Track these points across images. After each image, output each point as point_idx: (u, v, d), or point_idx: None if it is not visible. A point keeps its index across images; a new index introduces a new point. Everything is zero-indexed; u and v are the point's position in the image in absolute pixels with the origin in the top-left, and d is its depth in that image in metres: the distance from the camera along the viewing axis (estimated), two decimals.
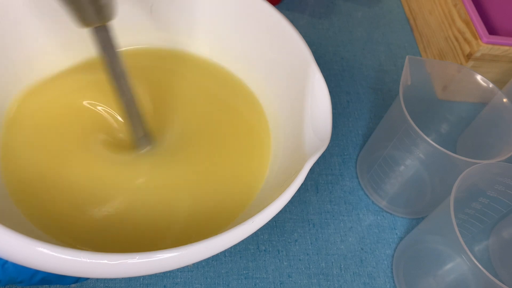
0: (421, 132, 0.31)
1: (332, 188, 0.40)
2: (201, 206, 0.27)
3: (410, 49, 0.52)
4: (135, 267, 0.18)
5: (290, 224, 0.37)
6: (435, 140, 0.30)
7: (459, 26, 0.45)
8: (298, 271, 0.35)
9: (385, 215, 0.39)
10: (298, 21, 0.51)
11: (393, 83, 0.48)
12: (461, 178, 0.29)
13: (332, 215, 0.38)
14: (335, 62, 0.49)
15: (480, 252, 0.38)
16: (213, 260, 0.34)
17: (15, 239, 0.18)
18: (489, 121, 0.38)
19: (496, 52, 0.43)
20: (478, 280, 0.28)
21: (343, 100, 0.46)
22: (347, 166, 0.41)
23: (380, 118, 0.45)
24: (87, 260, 0.18)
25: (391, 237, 0.38)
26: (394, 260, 0.36)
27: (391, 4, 0.57)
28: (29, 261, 0.18)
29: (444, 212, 0.29)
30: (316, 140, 0.25)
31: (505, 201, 0.33)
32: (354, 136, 0.43)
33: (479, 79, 0.36)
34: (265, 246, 0.35)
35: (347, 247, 0.37)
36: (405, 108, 0.32)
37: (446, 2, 0.47)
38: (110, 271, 0.18)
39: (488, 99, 0.37)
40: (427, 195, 0.39)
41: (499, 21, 0.49)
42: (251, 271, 0.34)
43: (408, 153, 0.34)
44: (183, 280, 0.33)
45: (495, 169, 0.31)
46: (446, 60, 0.47)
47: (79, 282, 0.28)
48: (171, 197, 0.27)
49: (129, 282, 0.32)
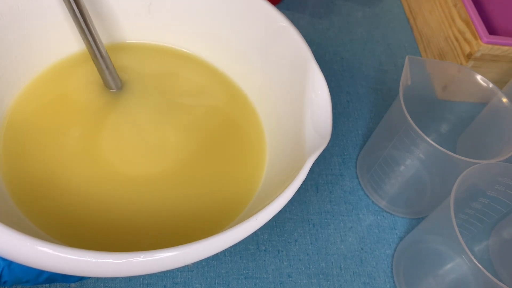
0: (421, 132, 0.31)
1: (332, 188, 0.40)
2: (197, 207, 0.27)
3: (410, 49, 0.52)
4: (140, 265, 0.18)
5: (290, 224, 0.37)
6: (435, 140, 0.30)
7: (459, 26, 0.45)
8: (298, 271, 0.35)
9: (385, 215, 0.39)
10: (298, 21, 0.51)
11: (393, 83, 0.48)
12: (461, 178, 0.29)
13: (332, 215, 0.38)
14: (335, 62, 0.49)
15: (480, 252, 0.38)
16: (213, 260, 0.34)
17: (21, 240, 0.18)
18: (489, 121, 0.38)
19: (496, 52, 0.43)
20: (478, 280, 0.28)
21: (343, 100, 0.46)
22: (347, 166, 0.41)
23: (380, 118, 0.45)
24: (93, 260, 0.18)
25: (391, 237, 0.38)
26: (394, 260, 0.36)
27: (391, 4, 0.57)
28: (35, 262, 0.18)
29: (444, 212, 0.29)
30: (317, 137, 0.25)
31: (505, 201, 0.33)
32: (354, 136, 0.43)
33: (479, 79, 0.36)
34: (265, 246, 0.35)
35: (347, 247, 0.37)
36: (405, 108, 0.32)
37: (446, 2, 0.48)
38: (116, 270, 0.18)
39: (488, 99, 0.37)
40: (427, 195, 0.39)
41: (499, 21, 0.49)
42: (251, 271, 0.34)
43: (408, 153, 0.34)
44: (183, 280, 0.33)
45: (495, 169, 0.31)
46: (446, 60, 0.47)
47: (82, 280, 0.28)
48: (171, 197, 0.27)
49: (129, 282, 0.32)
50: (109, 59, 0.30)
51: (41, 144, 0.28)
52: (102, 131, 0.29)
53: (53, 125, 0.29)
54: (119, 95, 0.31)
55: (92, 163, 0.28)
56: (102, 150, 0.28)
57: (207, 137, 0.31)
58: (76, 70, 0.32)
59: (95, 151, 0.28)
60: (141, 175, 0.28)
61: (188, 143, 0.30)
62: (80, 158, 0.28)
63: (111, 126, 0.30)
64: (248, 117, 0.33)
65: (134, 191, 0.27)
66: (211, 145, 0.31)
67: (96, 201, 0.26)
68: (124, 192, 0.27)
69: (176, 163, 0.29)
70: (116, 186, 0.27)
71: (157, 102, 0.32)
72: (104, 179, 0.27)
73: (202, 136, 0.31)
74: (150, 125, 0.31)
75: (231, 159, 0.30)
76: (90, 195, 0.26)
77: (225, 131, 0.32)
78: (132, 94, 0.32)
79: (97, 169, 0.27)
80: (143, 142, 0.30)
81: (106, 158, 0.28)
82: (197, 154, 0.30)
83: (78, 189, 0.26)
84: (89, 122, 0.30)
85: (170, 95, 0.33)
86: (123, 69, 0.33)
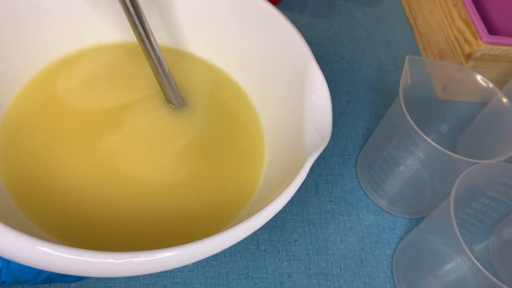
0: (421, 132, 0.31)
1: (332, 188, 0.40)
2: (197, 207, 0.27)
3: (410, 49, 0.52)
4: (140, 265, 0.18)
5: (290, 224, 0.37)
6: (435, 140, 0.30)
7: (459, 26, 0.45)
8: (298, 271, 0.35)
9: (385, 215, 0.39)
10: (298, 21, 0.51)
11: (393, 83, 0.48)
12: (461, 178, 0.29)
13: (332, 215, 0.38)
14: (335, 62, 0.49)
15: (480, 252, 0.38)
16: (213, 260, 0.34)
17: (20, 240, 0.18)
18: (489, 121, 0.38)
19: (496, 52, 0.43)
20: (478, 280, 0.28)
21: (343, 100, 0.46)
22: (347, 166, 0.41)
23: (380, 118, 0.45)
24: (93, 260, 0.18)
25: (391, 237, 0.38)
26: (394, 260, 0.36)
27: (391, 4, 0.57)
28: (34, 261, 0.18)
29: (444, 212, 0.29)
30: (317, 136, 0.25)
31: (505, 201, 0.33)
32: (354, 136, 0.43)
33: (479, 79, 0.36)
34: (265, 246, 0.35)
35: (347, 247, 0.37)
36: (405, 108, 0.32)
37: (446, 2, 0.48)
38: (116, 270, 0.18)
39: (488, 99, 0.37)
40: (427, 195, 0.39)
41: (499, 21, 0.49)
42: (251, 271, 0.34)
43: (408, 153, 0.34)
44: (183, 280, 0.33)
45: (495, 169, 0.31)
46: (446, 60, 0.47)
47: (81, 280, 0.28)
48: (171, 197, 0.27)
49: (129, 282, 0.32)
50: (172, 76, 0.30)
51: (41, 143, 0.28)
52: (102, 131, 0.29)
53: (53, 124, 0.29)
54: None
55: (91, 163, 0.28)
56: (102, 150, 0.28)
57: (208, 137, 0.31)
58: (76, 69, 0.32)
59: (95, 151, 0.28)
60: (141, 175, 0.28)
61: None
62: (80, 158, 0.28)
63: (111, 126, 0.30)
64: (248, 116, 0.33)
65: (133, 191, 0.27)
66: (211, 144, 0.31)
67: (96, 201, 0.26)
68: (123, 192, 0.27)
69: (176, 163, 0.29)
70: (115, 186, 0.27)
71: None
72: (104, 179, 0.27)
73: (203, 136, 0.31)
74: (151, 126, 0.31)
75: (231, 158, 0.30)
76: (90, 195, 0.26)
77: (225, 130, 0.32)
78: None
79: (97, 169, 0.27)
80: (143, 143, 0.30)
81: (106, 158, 0.28)
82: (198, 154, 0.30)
83: (78, 189, 0.26)
84: (89, 121, 0.30)
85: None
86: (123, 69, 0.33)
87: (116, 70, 0.33)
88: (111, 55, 0.33)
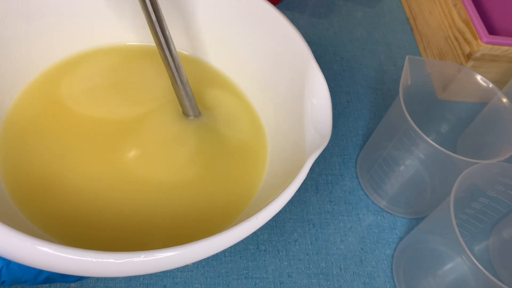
0: (421, 132, 0.31)
1: (332, 188, 0.40)
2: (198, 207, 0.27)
3: (410, 49, 0.52)
4: (141, 265, 0.18)
5: (290, 224, 0.37)
6: (435, 140, 0.30)
7: (459, 26, 0.45)
8: (298, 271, 0.35)
9: (385, 215, 0.39)
10: (298, 21, 0.51)
11: (393, 83, 0.48)
12: (461, 178, 0.29)
13: (332, 215, 0.38)
14: (335, 62, 0.49)
15: (480, 252, 0.38)
16: (213, 260, 0.34)
17: (20, 240, 0.18)
18: (489, 121, 0.38)
19: (496, 52, 0.43)
20: (478, 280, 0.28)
21: (343, 100, 0.46)
22: (347, 166, 0.41)
23: (380, 118, 0.45)
24: (93, 260, 0.18)
25: (391, 237, 0.38)
26: (394, 260, 0.36)
27: (391, 4, 0.57)
28: (34, 262, 0.18)
29: (444, 212, 0.29)
30: (317, 136, 0.25)
31: (505, 201, 0.33)
32: (354, 136, 0.43)
33: (479, 79, 0.36)
34: (265, 246, 0.35)
35: (347, 247, 0.37)
36: (405, 108, 0.32)
37: (446, 2, 0.48)
38: (116, 270, 0.18)
39: (488, 99, 0.37)
40: (427, 195, 0.39)
41: (499, 21, 0.49)
42: (251, 271, 0.34)
43: (408, 153, 0.34)
44: (183, 280, 0.33)
45: (495, 169, 0.31)
46: (446, 60, 0.47)
47: (81, 280, 0.28)
48: (171, 197, 0.27)
49: (129, 282, 0.32)
50: (189, 86, 0.29)
51: (42, 144, 0.28)
52: (103, 131, 0.29)
53: (54, 125, 0.29)
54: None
55: (91, 163, 0.28)
56: (102, 150, 0.28)
57: (213, 141, 0.31)
58: (78, 70, 0.32)
59: (95, 151, 0.28)
60: (141, 175, 0.28)
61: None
62: (80, 158, 0.28)
63: (111, 125, 0.30)
64: (248, 116, 0.33)
65: (133, 191, 0.27)
66: (216, 149, 0.31)
67: (96, 202, 0.26)
68: (123, 192, 0.27)
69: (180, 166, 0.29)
70: (115, 186, 0.27)
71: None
72: (104, 179, 0.27)
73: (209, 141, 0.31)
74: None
75: (232, 159, 0.30)
76: (90, 195, 0.26)
77: (225, 131, 0.32)
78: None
79: (96, 169, 0.27)
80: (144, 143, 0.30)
81: (106, 158, 0.28)
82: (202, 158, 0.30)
83: (78, 189, 0.26)
84: (89, 121, 0.30)
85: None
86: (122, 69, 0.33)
87: (119, 74, 0.33)
88: (116, 57, 0.33)
